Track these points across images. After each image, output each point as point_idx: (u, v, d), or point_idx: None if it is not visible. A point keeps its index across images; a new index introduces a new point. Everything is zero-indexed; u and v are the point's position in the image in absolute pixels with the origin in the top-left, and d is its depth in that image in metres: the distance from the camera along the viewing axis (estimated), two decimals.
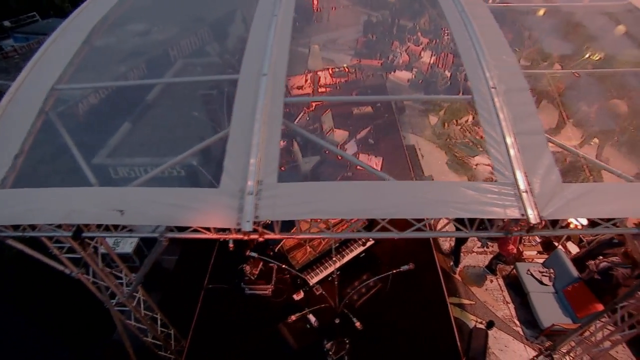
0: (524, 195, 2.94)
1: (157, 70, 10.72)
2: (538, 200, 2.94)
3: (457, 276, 6.90)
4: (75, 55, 4.27)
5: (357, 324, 4.39)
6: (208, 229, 3.27)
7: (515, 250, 6.37)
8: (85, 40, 4.36)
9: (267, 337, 5.54)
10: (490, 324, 5.53)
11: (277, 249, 5.72)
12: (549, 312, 5.95)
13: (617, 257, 6.06)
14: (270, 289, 6.05)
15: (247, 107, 3.48)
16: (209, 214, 3.05)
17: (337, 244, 5.86)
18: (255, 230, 3.10)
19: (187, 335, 5.65)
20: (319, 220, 3.50)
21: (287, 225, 3.38)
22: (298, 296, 6.02)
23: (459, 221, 3.28)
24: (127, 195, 3.25)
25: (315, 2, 14.09)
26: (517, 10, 4.55)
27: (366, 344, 5.48)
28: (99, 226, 3.39)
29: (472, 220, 3.21)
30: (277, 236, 3.22)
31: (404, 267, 4.45)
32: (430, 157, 9.11)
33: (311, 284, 5.59)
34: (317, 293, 6.02)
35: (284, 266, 4.90)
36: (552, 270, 6.37)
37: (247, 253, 4.81)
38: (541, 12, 5.41)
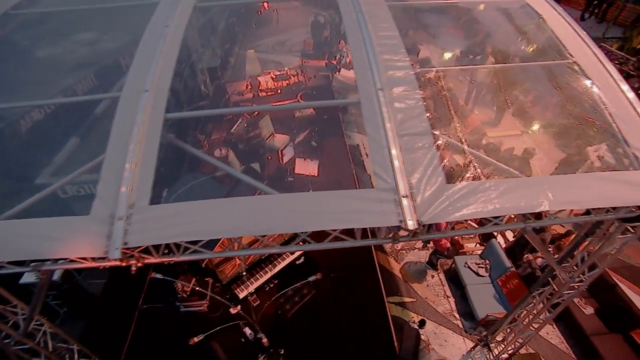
0: (404, 200, 2.88)
1: (107, 80, 10.24)
2: (419, 204, 2.89)
3: (398, 274, 6.91)
4: None
5: (264, 340, 4.28)
6: (85, 257, 3.07)
7: (448, 245, 6.42)
8: None
9: (203, 355, 5.37)
10: (422, 323, 5.54)
11: (204, 264, 5.54)
12: (484, 303, 6.04)
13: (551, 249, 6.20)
14: (206, 305, 5.88)
15: (124, 127, 3.30)
16: (77, 243, 2.86)
17: (265, 255, 5.75)
18: (132, 256, 2.96)
19: None
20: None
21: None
22: (235, 310, 5.86)
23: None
24: None
25: (266, 4, 13.87)
26: (418, 8, 4.56)
27: (303, 352, 5.42)
28: None
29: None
30: (157, 260, 3.07)
31: (312, 278, 4.35)
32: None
33: (241, 297, 5.45)
34: (255, 304, 5.92)
35: (197, 288, 4.76)
36: (487, 261, 6.46)
37: (152, 275, 4.62)
38: (481, 7, 5.30)
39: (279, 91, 9.62)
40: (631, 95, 3.65)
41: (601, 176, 3.28)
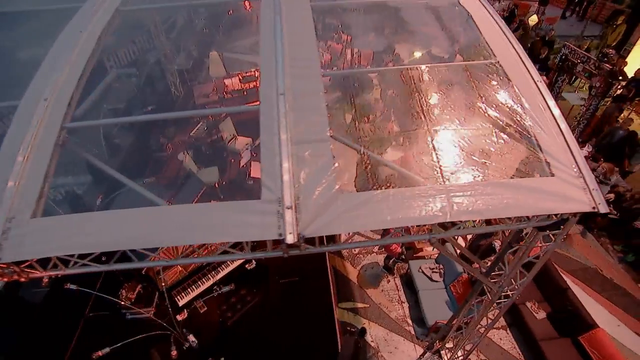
0: (288, 212, 2.76)
1: (90, 81, 10.21)
2: (303, 216, 2.78)
3: (354, 279, 6.79)
4: None
5: (174, 353, 4.20)
6: None
7: (399, 250, 6.28)
8: None
9: None
10: (362, 332, 5.42)
11: (144, 271, 5.48)
12: (435, 309, 5.91)
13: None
14: (152, 312, 5.80)
15: (17, 138, 3.21)
16: None
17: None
18: (13, 271, 2.89)
19: None
20: None
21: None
22: (182, 316, 5.80)
23: None
24: None
25: (247, 4, 13.69)
26: (343, 7, 4.42)
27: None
28: None
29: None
30: (44, 274, 2.99)
31: (225, 289, 4.25)
32: (340, 157, 8.93)
33: (180, 304, 5.39)
34: (202, 311, 5.85)
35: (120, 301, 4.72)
36: (441, 266, 6.32)
37: (66, 286, 4.54)
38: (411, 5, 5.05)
39: (244, 93, 9.52)
40: (549, 99, 3.50)
41: (510, 183, 3.14)
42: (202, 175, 7.56)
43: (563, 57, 8.01)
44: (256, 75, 9.83)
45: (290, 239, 2.66)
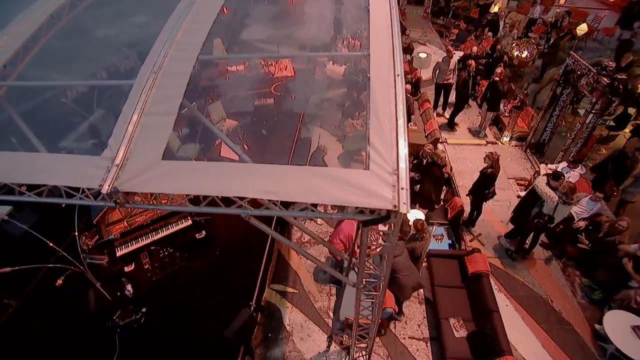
0: (114, 168, 3.18)
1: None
2: (124, 174, 3.17)
3: (293, 265, 7.00)
4: None
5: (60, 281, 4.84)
6: None
7: (341, 246, 6.34)
8: None
9: (75, 301, 6.07)
10: (260, 309, 5.64)
11: (95, 220, 6.29)
12: (351, 305, 5.89)
13: None
14: (105, 260, 6.64)
15: None
16: None
17: (151, 220, 6.33)
18: None
19: None
20: None
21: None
22: (129, 268, 6.59)
23: None
24: None
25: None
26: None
27: (161, 314, 5.88)
28: None
29: None
30: None
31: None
32: (328, 144, 9.07)
33: (117, 255, 6.13)
34: (146, 267, 6.58)
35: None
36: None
37: None
38: None
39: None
40: (400, 95, 3.44)
41: (320, 171, 3.12)
42: (182, 150, 8.32)
43: (568, 68, 7.23)
44: (261, 64, 10.36)
45: (105, 189, 3.08)
